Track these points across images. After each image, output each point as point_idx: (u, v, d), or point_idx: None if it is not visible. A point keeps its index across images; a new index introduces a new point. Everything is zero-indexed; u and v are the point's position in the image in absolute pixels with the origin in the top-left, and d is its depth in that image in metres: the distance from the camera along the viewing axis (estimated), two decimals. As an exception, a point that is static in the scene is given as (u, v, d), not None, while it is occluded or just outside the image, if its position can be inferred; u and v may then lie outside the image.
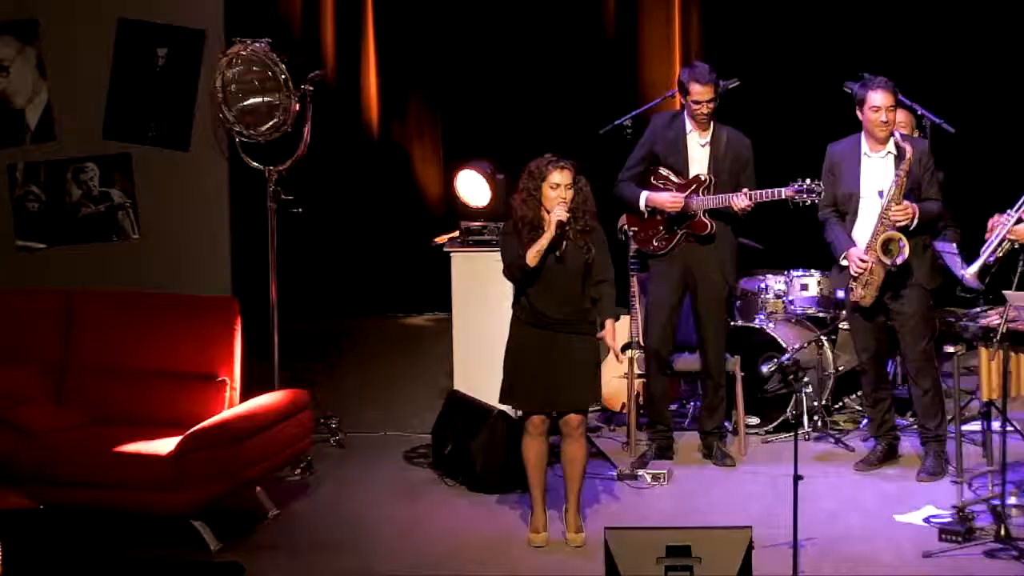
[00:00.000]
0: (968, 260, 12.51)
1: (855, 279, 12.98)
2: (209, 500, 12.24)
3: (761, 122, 13.85)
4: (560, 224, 11.70)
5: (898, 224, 12.83)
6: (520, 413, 12.49)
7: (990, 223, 12.55)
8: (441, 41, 16.46)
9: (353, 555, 12.21)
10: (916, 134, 13.33)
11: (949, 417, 13.17)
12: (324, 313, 15.30)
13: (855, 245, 12.97)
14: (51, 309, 13.36)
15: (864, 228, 13.00)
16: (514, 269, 11.94)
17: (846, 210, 13.09)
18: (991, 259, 12.45)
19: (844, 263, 13.06)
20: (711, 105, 13.20)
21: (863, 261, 12.86)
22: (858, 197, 13.06)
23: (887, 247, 12.82)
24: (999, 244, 12.53)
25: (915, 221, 12.81)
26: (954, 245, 13.14)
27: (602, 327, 11.87)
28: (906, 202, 12.78)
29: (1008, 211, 12.58)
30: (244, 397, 13.05)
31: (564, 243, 11.85)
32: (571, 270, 11.85)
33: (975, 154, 13.95)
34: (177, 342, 13.16)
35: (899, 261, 12.84)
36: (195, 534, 12.17)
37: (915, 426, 13.48)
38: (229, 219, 13.97)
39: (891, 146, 12.93)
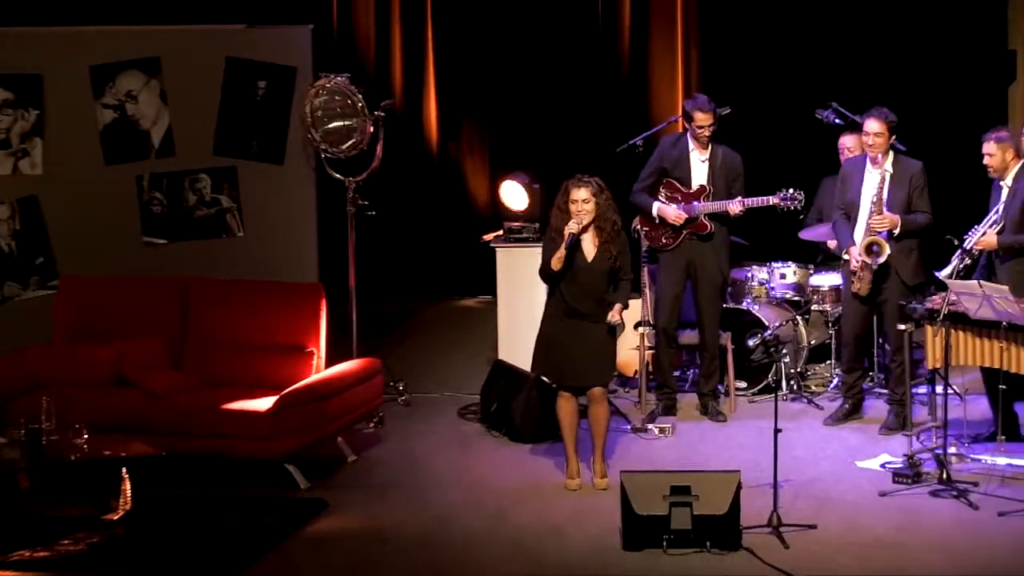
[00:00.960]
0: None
1: (853, 273, 13.04)
2: (299, 448, 12.41)
3: (749, 141, 13.81)
4: (571, 235, 11.75)
5: (878, 231, 12.86)
6: (554, 383, 12.58)
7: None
8: (489, 77, 16.41)
9: (416, 493, 12.34)
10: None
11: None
12: (393, 296, 15.26)
13: (855, 244, 13.01)
14: (172, 294, 13.46)
15: (861, 230, 13.02)
16: (542, 272, 12.03)
17: (852, 214, 13.09)
18: (960, 265, 12.51)
19: (846, 257, 13.13)
20: (711, 128, 13.26)
21: (857, 259, 12.92)
22: (858, 205, 13.06)
23: (869, 248, 12.87)
24: (968, 252, 12.60)
25: (898, 229, 12.83)
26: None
27: (611, 306, 11.93)
28: (887, 212, 12.80)
29: (975, 227, 12.64)
30: (328, 364, 13.16)
31: (583, 247, 11.92)
32: (597, 272, 11.92)
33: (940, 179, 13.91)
34: (274, 320, 13.28)
35: (879, 261, 12.87)
36: (288, 476, 12.37)
37: (884, 389, 13.51)
38: (316, 220, 13.95)
39: (889, 164, 12.94)
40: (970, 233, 12.67)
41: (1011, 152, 12.54)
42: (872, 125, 12.85)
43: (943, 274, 12.34)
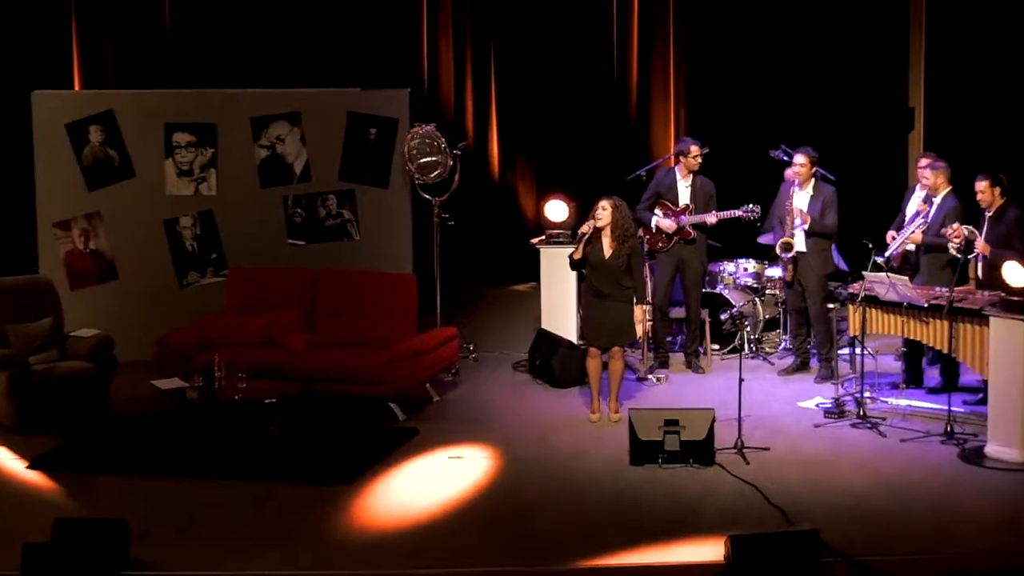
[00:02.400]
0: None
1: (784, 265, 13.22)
2: (400, 390, 12.53)
3: (721, 171, 13.72)
4: (581, 234, 12.08)
5: (793, 233, 13.00)
6: (584, 343, 12.77)
7: (888, 236, 12.75)
8: (536, 125, 16.29)
9: (481, 423, 12.54)
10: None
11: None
12: (465, 282, 15.14)
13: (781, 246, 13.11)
14: (307, 280, 13.53)
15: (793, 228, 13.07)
16: (569, 260, 12.26)
17: (783, 223, 13.17)
18: (893, 254, 12.58)
19: (779, 250, 13.25)
20: (700, 160, 13.37)
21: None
22: (787, 217, 13.16)
23: (786, 246, 13.01)
24: (900, 245, 12.69)
25: (807, 225, 12.96)
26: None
27: (627, 302, 12.10)
28: (799, 221, 12.98)
29: (891, 234, 12.78)
30: (419, 331, 13.22)
31: (603, 247, 12.07)
32: (612, 265, 12.06)
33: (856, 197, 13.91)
34: (380, 299, 13.30)
35: (789, 255, 13.02)
36: (390, 411, 12.50)
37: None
38: (411, 228, 13.94)
39: (811, 187, 13.05)
40: (889, 243, 12.79)
41: (943, 177, 12.63)
42: (798, 159, 13.00)
43: (867, 272, 12.40)
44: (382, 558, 9.86)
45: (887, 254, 12.71)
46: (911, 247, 12.70)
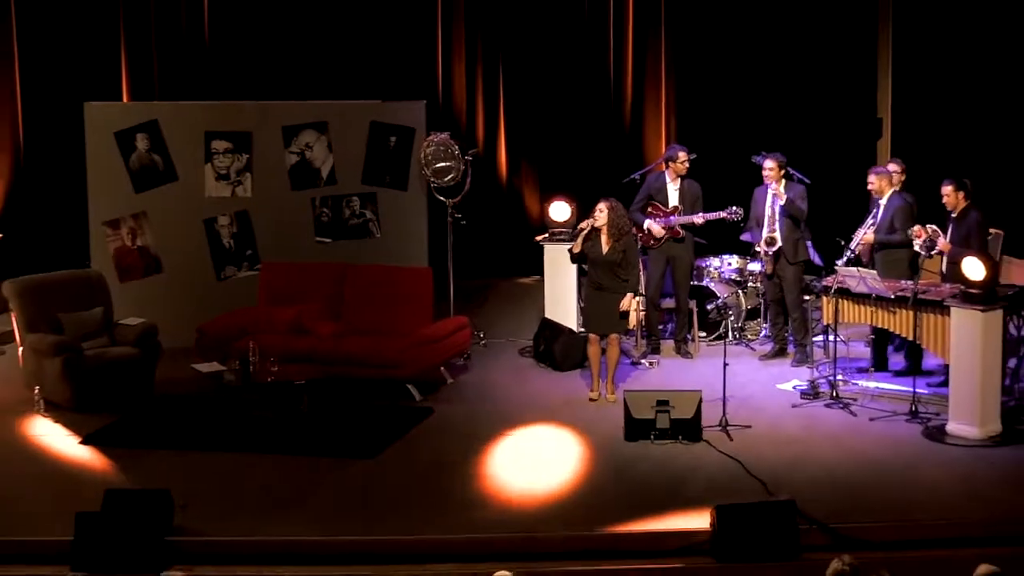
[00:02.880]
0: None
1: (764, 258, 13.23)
2: (416, 373, 12.53)
3: (708, 174, 13.71)
4: (579, 230, 12.21)
5: (774, 229, 13.01)
6: (583, 331, 12.78)
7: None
8: (539, 134, 16.28)
9: (490, 403, 12.52)
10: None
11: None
12: (476, 275, 15.09)
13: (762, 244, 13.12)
14: (334, 273, 13.47)
15: (766, 231, 13.05)
16: (569, 254, 12.37)
17: (760, 222, 13.15)
18: (851, 253, 12.58)
19: (757, 249, 13.26)
20: (687, 165, 13.35)
21: (761, 249, 13.09)
22: (763, 216, 13.11)
23: (770, 240, 13.01)
24: (856, 244, 12.66)
25: (783, 201, 12.92)
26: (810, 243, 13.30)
27: (624, 294, 12.12)
28: (777, 200, 12.97)
29: (858, 230, 12.74)
30: (435, 320, 13.19)
31: (601, 244, 12.09)
32: (609, 260, 12.08)
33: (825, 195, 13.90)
34: (399, 290, 13.23)
35: (773, 249, 13.01)
36: (407, 392, 12.49)
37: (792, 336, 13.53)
38: (427, 226, 13.90)
39: (782, 187, 13.04)
40: (855, 235, 12.77)
41: (886, 180, 12.68)
42: (767, 163, 12.97)
43: (839, 264, 12.41)
44: (402, 524, 9.93)
45: (853, 245, 12.66)
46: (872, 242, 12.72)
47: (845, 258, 12.45)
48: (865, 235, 12.68)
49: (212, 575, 9.07)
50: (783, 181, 13.06)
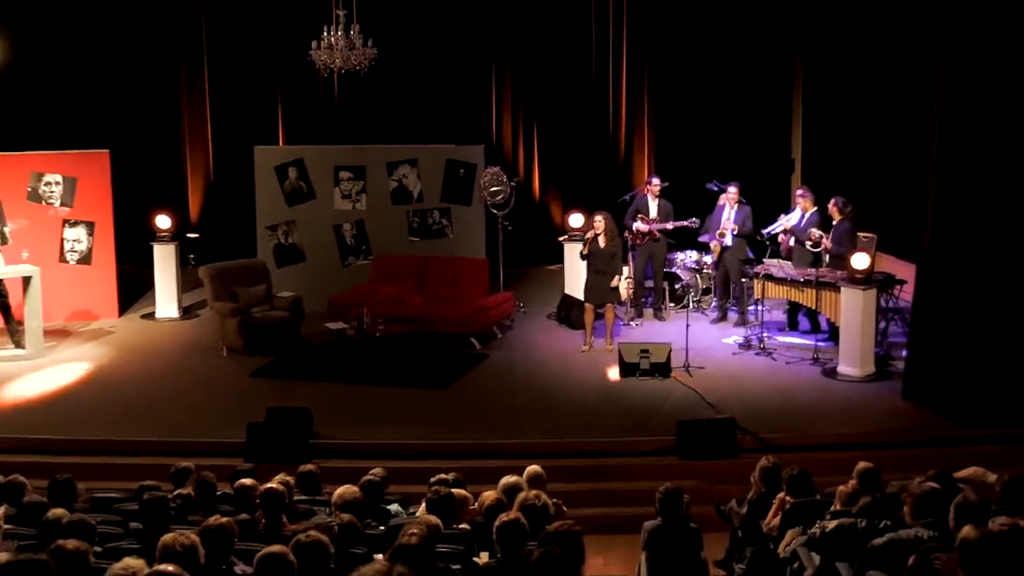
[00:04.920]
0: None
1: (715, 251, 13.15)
2: (476, 330, 12.48)
3: (677, 195, 13.70)
4: (586, 239, 12.11)
5: (724, 234, 12.92)
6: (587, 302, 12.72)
7: (779, 238, 12.64)
8: (562, 167, 16.18)
9: (526, 350, 12.42)
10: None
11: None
12: (518, 263, 14.86)
13: (715, 239, 12.93)
14: (421, 261, 13.40)
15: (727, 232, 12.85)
16: (580, 254, 12.25)
17: (716, 228, 12.96)
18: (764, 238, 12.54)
19: (712, 245, 13.09)
20: (659, 188, 13.21)
21: (714, 242, 12.98)
22: (719, 226, 12.87)
23: (721, 234, 12.92)
24: (777, 230, 12.59)
25: (737, 230, 12.83)
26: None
27: (614, 276, 12.07)
28: (734, 224, 12.85)
29: (772, 226, 12.68)
30: (489, 294, 13.14)
31: (600, 243, 12.00)
32: (605, 254, 12.02)
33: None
34: (466, 273, 13.17)
35: (725, 241, 12.85)
36: (470, 343, 12.38)
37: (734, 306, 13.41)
38: (484, 231, 13.82)
39: (736, 206, 12.75)
40: (770, 227, 12.68)
41: (808, 201, 12.45)
42: (731, 189, 12.81)
43: (767, 259, 12.40)
44: (468, 431, 10.06)
45: (768, 230, 12.68)
46: (791, 243, 12.62)
47: (768, 235, 12.53)
48: (781, 228, 12.57)
49: (339, 466, 9.15)
50: (736, 204, 12.93)
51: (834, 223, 12.11)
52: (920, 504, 5.94)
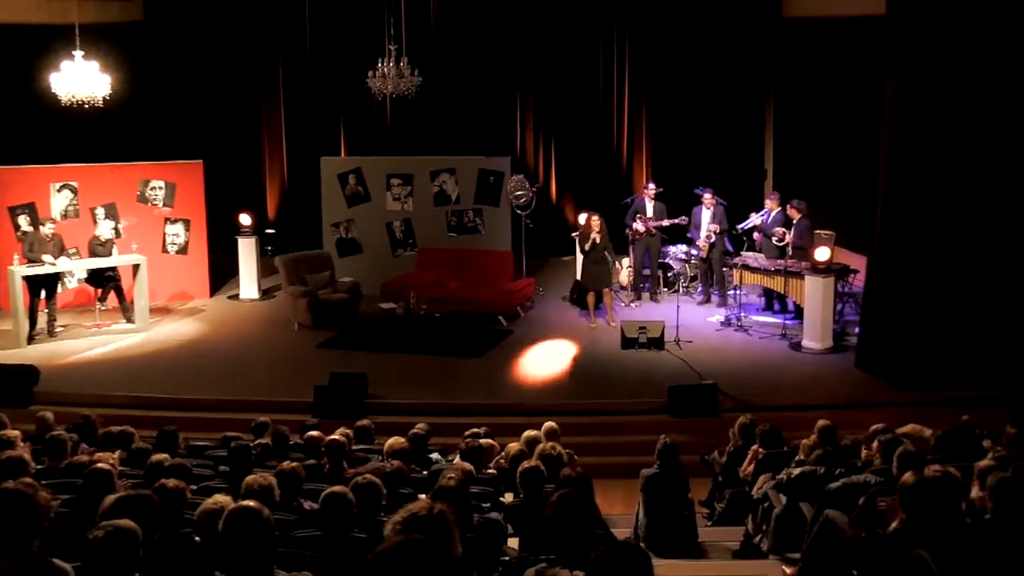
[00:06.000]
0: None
1: (702, 248, 13.02)
2: (503, 310, 12.43)
3: (668, 197, 13.59)
4: (591, 238, 11.98)
5: (711, 234, 12.83)
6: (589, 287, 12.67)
7: (754, 235, 12.51)
8: (574, 175, 15.99)
9: (544, 325, 12.31)
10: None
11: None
12: (537, 255, 14.77)
13: (699, 237, 12.84)
14: (457, 254, 13.38)
15: (704, 234, 12.75)
16: (581, 248, 12.17)
17: (700, 226, 12.84)
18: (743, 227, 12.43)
19: (698, 242, 12.95)
20: (654, 192, 13.17)
21: (702, 238, 12.87)
22: (700, 226, 12.83)
23: (708, 235, 12.84)
24: (748, 226, 12.50)
25: (719, 229, 12.77)
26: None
27: (607, 265, 12.04)
28: (715, 224, 12.75)
29: (745, 222, 12.57)
30: (514, 279, 13.10)
31: (597, 239, 11.94)
32: (600, 249, 12.00)
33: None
34: (495, 262, 13.16)
35: (710, 241, 12.82)
36: (498, 321, 12.34)
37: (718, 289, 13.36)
38: (510, 228, 13.71)
39: (713, 208, 12.72)
40: (743, 223, 12.54)
41: (775, 203, 12.35)
42: (707, 195, 12.73)
43: (744, 252, 12.33)
44: (498, 393, 10.04)
45: (741, 226, 12.56)
46: (757, 237, 12.52)
47: (742, 230, 12.39)
48: (752, 224, 12.47)
49: (390, 421, 9.17)
50: (714, 205, 12.81)
51: (794, 222, 12.04)
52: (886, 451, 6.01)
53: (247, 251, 13.87)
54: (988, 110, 9.65)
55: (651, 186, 13.38)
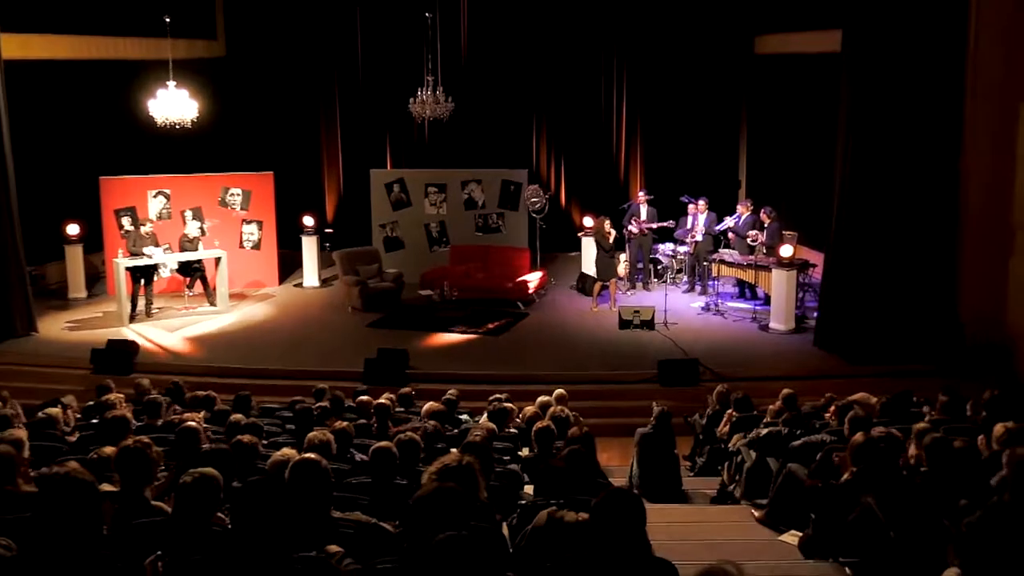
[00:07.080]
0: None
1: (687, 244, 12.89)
2: (521, 297, 12.30)
3: (661, 203, 13.55)
4: (606, 236, 11.79)
5: (695, 234, 12.65)
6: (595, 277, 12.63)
7: (730, 235, 12.39)
8: (581, 184, 15.77)
9: (555, 310, 12.23)
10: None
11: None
12: (550, 251, 14.69)
13: (689, 236, 12.71)
14: (484, 250, 13.15)
15: (700, 235, 12.53)
16: (598, 245, 11.98)
17: (689, 230, 12.75)
18: (719, 228, 12.33)
19: (687, 241, 12.80)
20: (646, 199, 13.13)
21: (690, 237, 12.71)
22: (691, 230, 12.63)
23: (693, 237, 12.74)
24: (723, 228, 12.41)
25: (705, 229, 12.66)
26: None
27: (614, 258, 11.94)
28: (704, 227, 12.56)
29: (722, 222, 12.45)
30: (530, 271, 13.00)
31: (606, 240, 11.84)
32: (610, 245, 11.87)
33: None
34: (514, 257, 13.04)
35: (698, 239, 12.72)
36: (516, 305, 12.22)
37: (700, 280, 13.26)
38: (527, 229, 13.59)
39: (705, 213, 12.54)
40: (719, 225, 12.41)
41: (747, 208, 12.23)
42: (701, 202, 12.63)
43: (722, 249, 12.26)
44: (517, 365, 10.02)
45: (717, 228, 12.40)
46: (732, 236, 12.41)
47: (718, 231, 12.25)
48: (727, 227, 12.33)
49: (427, 388, 9.17)
50: (705, 212, 12.67)
51: (765, 225, 11.95)
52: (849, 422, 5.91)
53: (309, 247, 13.79)
54: (921, 134, 9.76)
55: (641, 194, 13.30)
